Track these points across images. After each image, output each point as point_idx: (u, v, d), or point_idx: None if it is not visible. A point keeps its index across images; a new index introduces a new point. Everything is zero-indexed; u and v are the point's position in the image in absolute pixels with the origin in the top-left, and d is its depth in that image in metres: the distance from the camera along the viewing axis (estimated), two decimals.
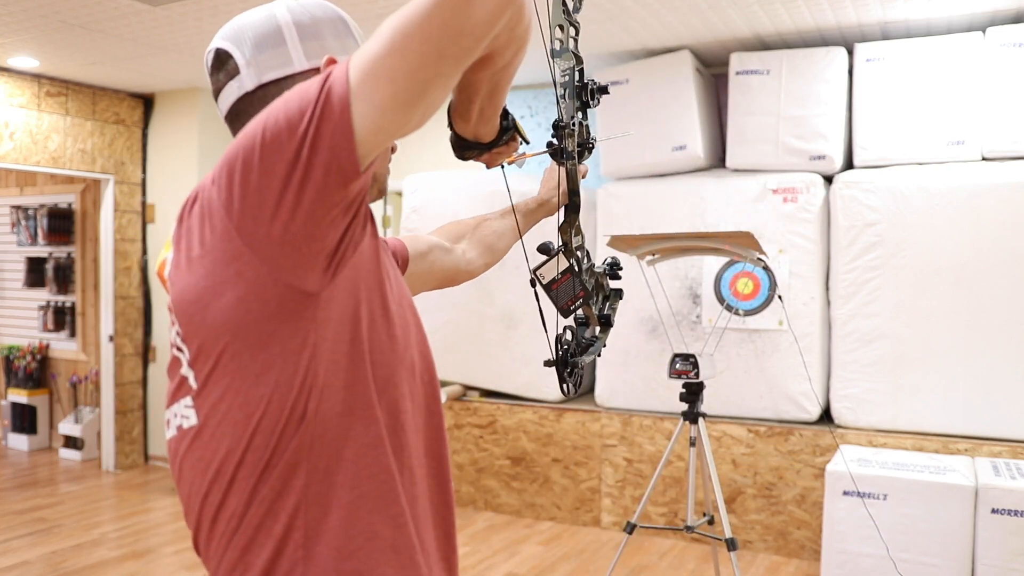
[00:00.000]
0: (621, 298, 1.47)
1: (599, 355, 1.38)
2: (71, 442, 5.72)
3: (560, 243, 1.34)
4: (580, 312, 1.38)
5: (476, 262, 1.45)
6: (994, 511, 2.95)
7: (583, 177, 1.45)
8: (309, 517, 0.86)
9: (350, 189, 0.79)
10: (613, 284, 1.48)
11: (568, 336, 1.33)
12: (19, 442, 5.97)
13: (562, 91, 1.37)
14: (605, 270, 1.47)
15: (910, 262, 3.58)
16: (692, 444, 3.03)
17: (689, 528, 2.99)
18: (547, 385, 4.28)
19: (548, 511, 4.35)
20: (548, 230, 1.68)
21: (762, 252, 2.93)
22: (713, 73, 4.39)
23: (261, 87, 0.96)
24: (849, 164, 3.88)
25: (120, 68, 4.83)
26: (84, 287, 5.87)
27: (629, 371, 4.11)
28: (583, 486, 4.26)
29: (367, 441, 0.89)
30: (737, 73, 3.95)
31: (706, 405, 3.12)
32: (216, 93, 1.00)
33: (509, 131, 1.01)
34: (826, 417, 3.87)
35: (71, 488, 4.96)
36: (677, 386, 3.03)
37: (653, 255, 3.16)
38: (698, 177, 4.07)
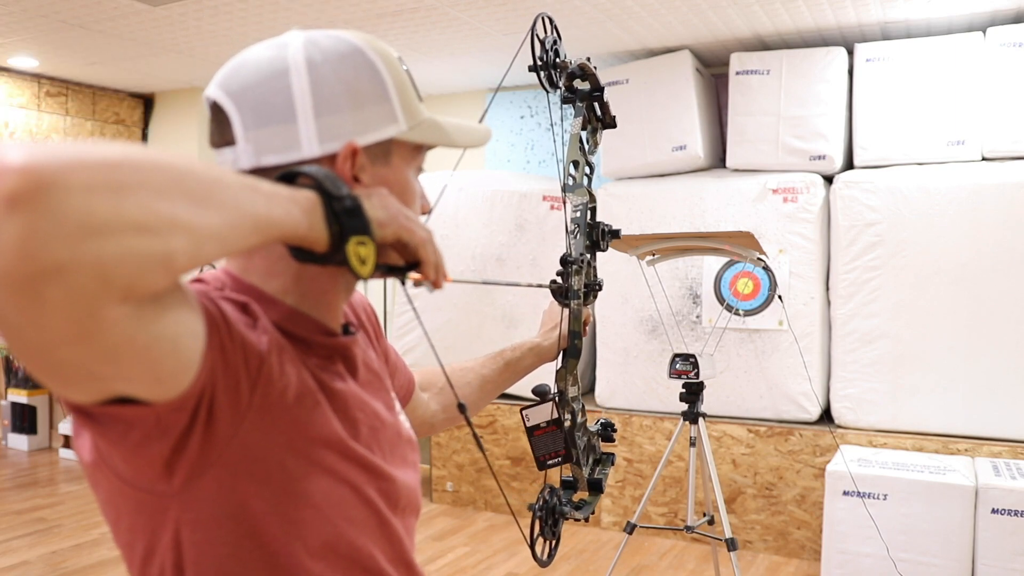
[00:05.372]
0: (613, 463, 1.37)
1: (587, 519, 1.29)
2: (71, 442, 5.72)
3: (556, 389, 1.25)
4: (569, 473, 1.30)
5: (438, 416, 1.26)
6: (994, 511, 2.94)
7: (587, 324, 1.34)
8: None
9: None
10: (606, 447, 1.39)
11: (549, 496, 1.22)
12: (19, 442, 5.97)
13: (574, 227, 1.30)
14: (598, 431, 1.37)
15: (910, 262, 3.58)
16: (692, 444, 3.03)
17: (689, 528, 2.99)
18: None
19: None
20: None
21: (762, 252, 2.93)
22: (713, 73, 4.38)
23: (259, 170, 0.77)
24: (849, 164, 3.87)
25: (120, 68, 4.83)
26: None
27: (629, 371, 4.11)
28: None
29: None
30: (737, 73, 3.95)
31: (706, 405, 3.12)
32: (212, 145, 0.82)
33: (339, 253, 0.70)
34: (826, 417, 3.87)
35: (71, 488, 4.96)
36: (677, 386, 3.03)
37: (653, 255, 3.16)
38: (698, 177, 4.07)
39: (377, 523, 0.84)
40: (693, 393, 2.98)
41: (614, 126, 1.45)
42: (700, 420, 2.97)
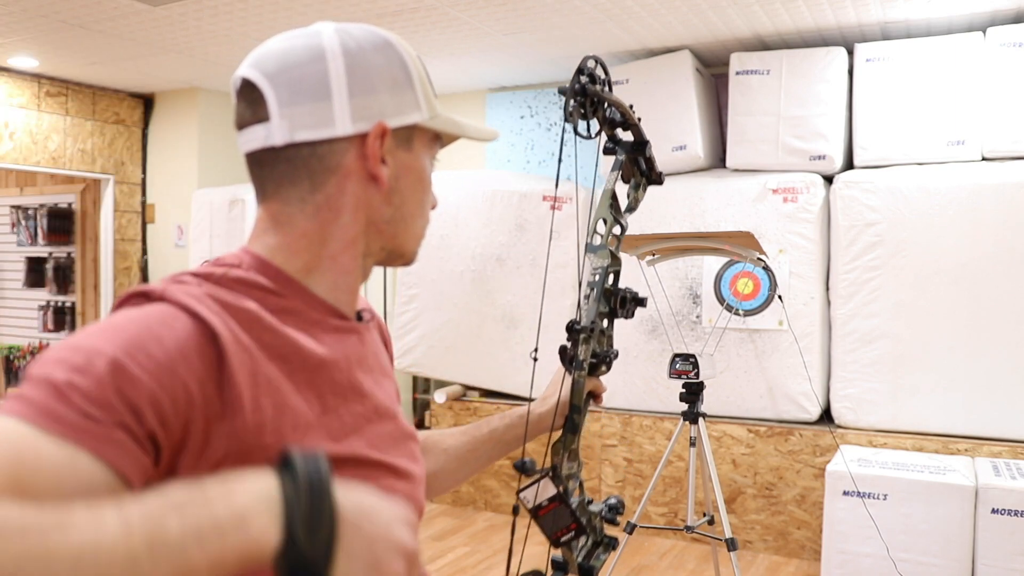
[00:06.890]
0: (614, 548, 1.26)
1: None
2: None
3: (550, 465, 1.16)
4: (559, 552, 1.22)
5: None
6: (994, 511, 2.95)
7: (599, 393, 1.25)
8: None
9: None
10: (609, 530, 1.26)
11: None
12: None
13: (588, 290, 1.21)
14: (603, 512, 1.27)
15: (910, 262, 3.58)
16: (692, 444, 3.03)
17: (689, 528, 2.99)
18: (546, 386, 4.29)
19: None
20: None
21: (762, 252, 2.93)
22: (713, 73, 4.38)
23: (292, 145, 0.80)
24: (849, 164, 3.87)
25: (120, 68, 4.83)
26: (84, 287, 5.86)
27: (629, 371, 4.11)
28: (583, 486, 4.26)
29: None
30: (737, 73, 3.95)
31: (706, 405, 3.12)
32: (238, 125, 0.83)
33: None
34: (826, 417, 3.87)
35: None
36: (677, 386, 3.03)
37: (653, 255, 3.16)
38: (698, 177, 4.07)
39: None
40: (693, 393, 2.98)
41: (660, 182, 1.34)
42: (700, 420, 2.97)
